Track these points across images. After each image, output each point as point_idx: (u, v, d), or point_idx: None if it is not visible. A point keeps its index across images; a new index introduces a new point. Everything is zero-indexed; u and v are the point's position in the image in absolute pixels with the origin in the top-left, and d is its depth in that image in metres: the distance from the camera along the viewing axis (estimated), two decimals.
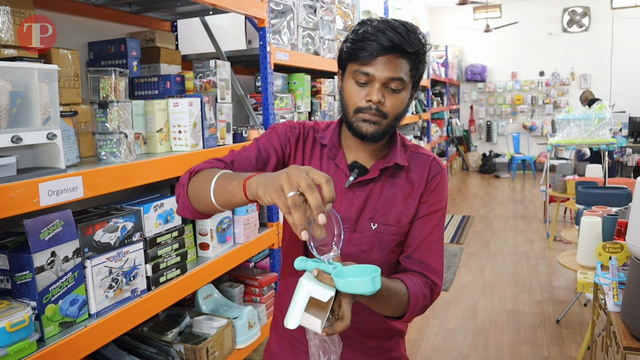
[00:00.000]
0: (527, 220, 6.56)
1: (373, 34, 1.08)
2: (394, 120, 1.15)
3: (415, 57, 1.12)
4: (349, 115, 1.15)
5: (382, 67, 1.09)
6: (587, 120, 5.11)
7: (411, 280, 1.15)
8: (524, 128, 10.94)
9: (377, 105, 1.11)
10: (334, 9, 3.13)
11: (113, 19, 2.19)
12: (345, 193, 1.20)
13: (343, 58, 1.17)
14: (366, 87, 1.12)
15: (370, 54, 1.08)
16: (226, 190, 0.98)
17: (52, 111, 1.29)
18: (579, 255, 2.88)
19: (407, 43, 1.09)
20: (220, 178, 1.01)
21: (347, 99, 1.15)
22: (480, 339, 3.36)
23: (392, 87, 1.11)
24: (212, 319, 2.00)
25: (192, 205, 1.10)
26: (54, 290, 1.33)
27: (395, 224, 1.19)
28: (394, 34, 1.07)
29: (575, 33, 10.41)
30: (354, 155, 1.22)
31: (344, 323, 0.92)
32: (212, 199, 1.01)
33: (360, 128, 1.13)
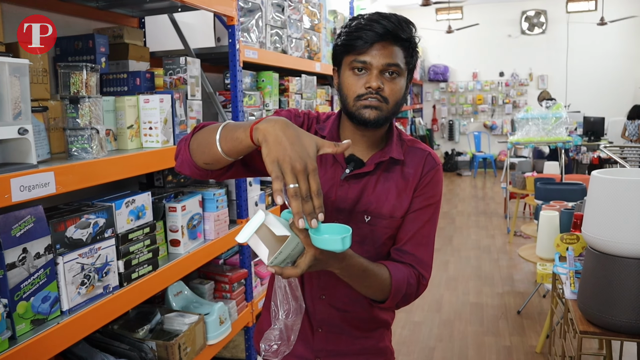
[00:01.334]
0: (489, 216, 6.74)
1: (367, 24, 1.12)
2: (394, 107, 1.17)
3: (408, 45, 1.16)
4: (349, 105, 1.17)
5: (378, 54, 1.12)
6: (545, 119, 5.30)
7: (395, 266, 1.19)
8: (485, 127, 11.22)
9: (376, 90, 1.13)
10: (302, 8, 3.16)
11: (80, 15, 2.16)
12: (341, 185, 1.22)
13: (338, 53, 1.19)
14: (364, 76, 1.14)
15: (366, 42, 1.11)
16: (233, 137, 1.00)
17: (23, 106, 1.28)
18: (538, 248, 3.00)
19: (400, 30, 1.13)
20: (227, 126, 1.04)
21: (346, 90, 1.17)
22: (445, 331, 3.45)
23: (390, 73, 1.14)
24: (183, 316, 2.00)
25: (192, 158, 1.12)
26: (26, 287, 1.32)
27: (389, 217, 1.22)
28: (387, 22, 1.11)
29: (533, 35, 10.76)
30: (351, 148, 1.24)
31: (294, 271, 0.96)
32: (218, 146, 1.03)
33: (362, 114, 1.14)
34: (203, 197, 2.14)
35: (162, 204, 1.98)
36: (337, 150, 0.94)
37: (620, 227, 1.59)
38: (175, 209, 1.97)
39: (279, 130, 0.91)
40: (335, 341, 1.29)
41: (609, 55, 10.29)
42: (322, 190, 1.17)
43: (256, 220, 0.94)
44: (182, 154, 1.14)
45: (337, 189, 1.22)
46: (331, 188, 1.21)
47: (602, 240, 1.63)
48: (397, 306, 1.22)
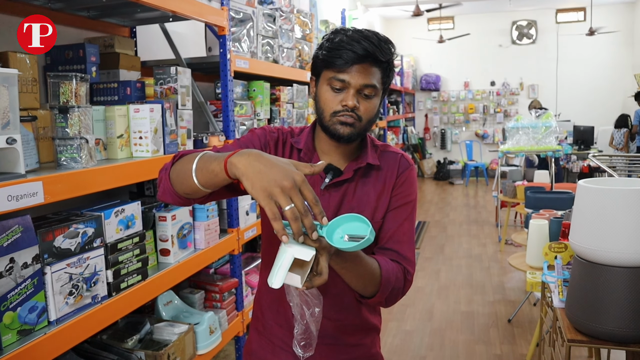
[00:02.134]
0: (480, 224, 6.77)
1: (348, 42, 1.14)
2: (367, 124, 1.21)
3: (386, 66, 1.20)
4: (325, 119, 1.20)
5: (357, 74, 1.15)
6: (535, 128, 5.34)
7: (384, 259, 1.21)
8: (477, 136, 11.29)
9: (352, 109, 1.17)
10: (293, 18, 3.18)
11: (71, 24, 2.17)
12: (322, 195, 1.24)
13: (318, 65, 1.22)
14: (341, 93, 1.18)
15: (346, 62, 1.14)
16: (208, 170, 1.01)
17: (11, 116, 1.28)
18: (528, 257, 3.02)
19: (379, 52, 1.16)
20: (202, 157, 1.05)
21: (323, 104, 1.20)
22: (436, 339, 3.45)
23: (366, 93, 1.18)
24: (172, 325, 1.99)
25: (173, 188, 1.13)
26: (13, 297, 1.31)
27: (370, 220, 1.23)
28: (368, 44, 1.14)
29: (524, 45, 10.86)
30: (327, 158, 1.27)
31: (322, 278, 0.98)
32: (194, 178, 1.05)
33: (337, 130, 1.19)
34: (193, 206, 2.14)
35: (152, 213, 1.98)
36: (313, 171, 0.95)
37: (606, 236, 1.60)
38: (165, 218, 1.97)
39: (255, 161, 0.92)
40: (329, 353, 1.30)
41: (598, 65, 10.40)
42: None
43: (286, 261, 0.94)
44: (164, 183, 1.16)
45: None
46: None
47: (588, 249, 1.65)
48: (387, 302, 1.23)
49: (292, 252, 0.94)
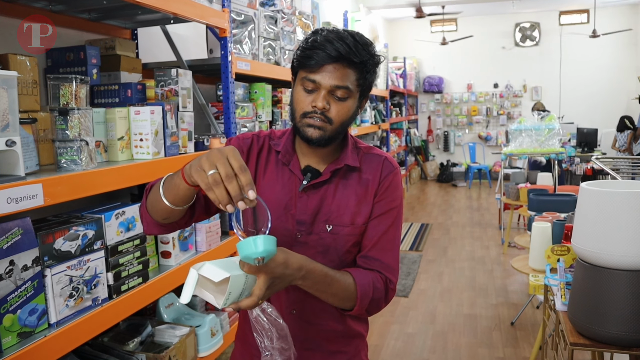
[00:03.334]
0: (483, 227, 6.75)
1: (321, 43, 1.13)
2: (339, 127, 1.18)
3: (362, 67, 1.16)
4: (296, 120, 1.19)
5: (328, 75, 1.13)
6: (538, 130, 5.32)
7: (358, 271, 1.20)
8: (480, 138, 11.27)
9: (322, 111, 1.15)
10: (295, 20, 3.18)
11: (72, 26, 2.17)
12: (300, 197, 1.22)
13: (294, 65, 1.21)
14: (313, 94, 1.16)
15: (317, 62, 1.13)
16: (171, 185, 1.05)
17: (11, 118, 1.28)
18: (531, 259, 3.00)
19: (353, 54, 1.13)
20: (167, 178, 1.09)
21: (295, 104, 1.19)
22: (439, 342, 3.44)
23: (338, 95, 1.15)
24: (174, 328, 1.99)
25: (152, 218, 1.15)
26: (12, 299, 1.31)
27: (350, 224, 1.23)
28: (341, 44, 1.12)
29: (527, 47, 10.84)
30: (307, 160, 1.26)
31: (250, 299, 0.97)
32: (163, 198, 1.07)
33: (306, 132, 1.17)
34: None
35: None
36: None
37: (608, 239, 1.59)
38: None
39: (197, 158, 0.96)
40: (309, 359, 1.27)
41: (602, 67, 10.37)
42: (281, 202, 1.18)
43: (190, 280, 0.94)
44: (144, 217, 1.18)
45: (296, 201, 1.22)
46: (290, 200, 1.23)
47: (591, 252, 1.64)
48: (368, 312, 1.22)
49: (201, 270, 0.93)
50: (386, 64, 7.56)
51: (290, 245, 1.19)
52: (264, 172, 1.27)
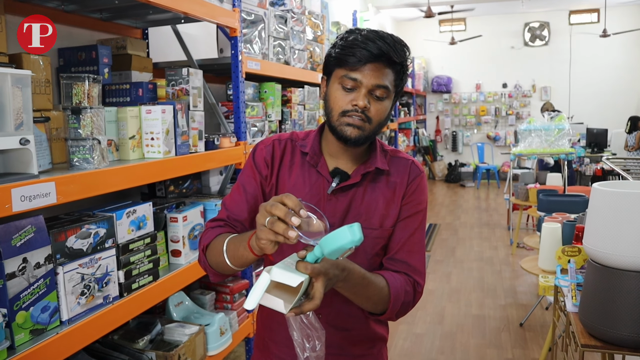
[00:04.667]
0: (492, 227, 6.72)
1: (363, 41, 1.12)
2: (376, 127, 1.18)
3: (399, 68, 1.17)
4: (334, 119, 1.17)
5: (370, 73, 1.13)
6: (548, 130, 5.29)
7: (392, 275, 1.19)
8: (488, 138, 11.22)
9: (362, 109, 1.14)
10: (304, 19, 3.18)
11: (83, 26, 2.18)
12: (329, 199, 1.21)
13: (330, 63, 1.19)
14: (352, 93, 1.15)
15: (359, 60, 1.12)
16: (238, 256, 1.09)
17: (25, 117, 1.29)
18: (540, 260, 2.99)
19: (394, 53, 1.13)
20: (229, 247, 1.12)
21: (332, 103, 1.17)
22: (447, 343, 3.43)
23: (377, 95, 1.15)
24: (183, 326, 2.00)
25: (221, 273, 1.21)
26: (25, 297, 1.32)
27: (379, 227, 1.22)
28: (382, 43, 1.12)
29: (536, 47, 10.78)
30: (335, 161, 1.24)
31: (313, 303, 0.95)
32: (231, 266, 1.12)
33: (344, 132, 1.15)
34: (204, 207, 2.15)
35: (164, 214, 1.99)
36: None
37: (620, 240, 1.58)
38: (177, 220, 1.98)
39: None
40: None
41: (612, 67, 10.29)
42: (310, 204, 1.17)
43: (261, 284, 0.93)
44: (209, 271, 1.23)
45: (325, 204, 1.21)
46: (318, 203, 1.21)
47: (603, 252, 1.63)
48: (397, 316, 1.21)
49: (272, 275, 0.93)
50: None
51: None
52: (289, 174, 1.25)
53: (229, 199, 1.27)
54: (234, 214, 1.24)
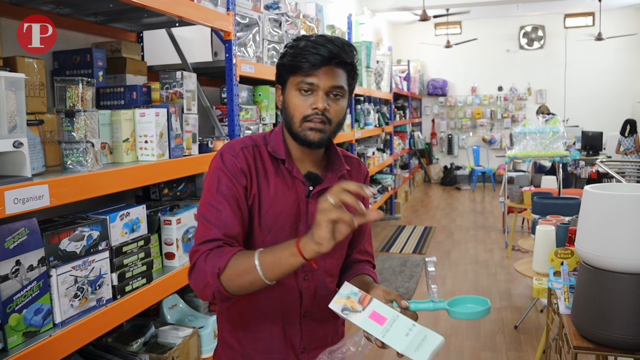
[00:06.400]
0: (487, 230, 6.74)
1: (313, 46, 1.17)
2: (336, 127, 1.23)
3: (350, 68, 1.23)
4: (296, 126, 1.20)
5: (325, 76, 1.17)
6: (542, 133, 5.31)
7: (369, 270, 1.37)
8: (484, 141, 11.25)
9: (322, 111, 1.18)
10: (299, 23, 3.19)
11: (78, 29, 2.19)
12: (309, 202, 1.25)
13: (284, 72, 1.22)
14: (311, 97, 1.19)
15: (313, 65, 1.16)
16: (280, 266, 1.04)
17: (18, 119, 1.30)
18: (534, 263, 2.99)
19: (344, 54, 1.19)
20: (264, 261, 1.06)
21: (293, 110, 1.20)
22: None
23: (334, 94, 1.20)
24: (177, 329, 2.00)
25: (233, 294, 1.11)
26: (18, 299, 1.32)
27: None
28: (332, 46, 1.17)
29: (532, 50, 10.83)
30: (302, 165, 1.28)
31: None
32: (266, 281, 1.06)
33: (307, 136, 1.20)
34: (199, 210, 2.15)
35: (157, 216, 1.99)
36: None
37: (612, 242, 1.59)
38: (171, 222, 1.98)
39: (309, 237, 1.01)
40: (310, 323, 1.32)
41: (607, 70, 10.35)
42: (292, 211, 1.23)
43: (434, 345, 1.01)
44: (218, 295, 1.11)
45: (305, 207, 1.25)
46: (298, 207, 1.24)
47: (594, 255, 1.64)
48: None
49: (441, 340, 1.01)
50: (390, 67, 7.56)
51: None
52: (268, 182, 1.24)
53: (213, 215, 1.17)
54: (228, 230, 1.16)
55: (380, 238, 6.34)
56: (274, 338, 1.28)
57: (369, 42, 6.08)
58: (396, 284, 4.57)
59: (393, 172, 7.71)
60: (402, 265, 5.19)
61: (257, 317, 1.27)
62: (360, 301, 1.07)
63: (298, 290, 1.26)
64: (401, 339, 1.02)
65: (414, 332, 1.02)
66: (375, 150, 6.66)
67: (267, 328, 1.28)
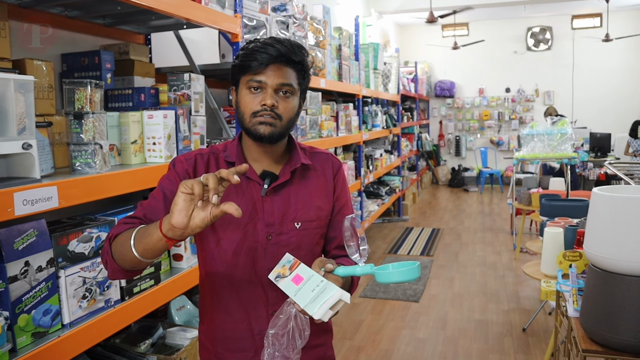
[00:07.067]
0: (495, 232, 6.71)
1: (262, 46, 1.20)
2: (287, 123, 1.25)
3: (300, 67, 1.25)
4: (246, 122, 1.23)
5: (273, 74, 1.20)
6: (550, 135, 5.28)
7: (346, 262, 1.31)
8: (492, 143, 11.21)
9: (271, 108, 1.20)
10: (306, 25, 3.20)
11: (87, 31, 2.20)
12: (264, 201, 1.26)
13: (236, 72, 1.26)
14: (260, 94, 1.21)
15: (261, 63, 1.19)
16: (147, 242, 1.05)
17: (27, 121, 1.31)
18: (542, 265, 2.98)
19: (292, 53, 1.22)
20: (137, 235, 1.09)
21: (243, 107, 1.23)
22: (449, 348, 3.42)
23: (283, 92, 1.22)
24: (185, 330, 2.00)
25: (120, 266, 1.14)
26: (27, 300, 1.33)
27: (316, 218, 1.31)
28: (280, 46, 1.21)
29: (539, 51, 10.78)
30: (259, 165, 1.29)
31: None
32: (138, 257, 1.08)
33: (258, 130, 1.21)
34: None
35: None
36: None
37: (621, 245, 1.58)
38: None
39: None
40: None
41: (615, 72, 10.28)
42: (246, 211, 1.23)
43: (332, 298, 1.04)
44: (110, 264, 1.16)
45: (261, 205, 1.26)
46: (254, 206, 1.26)
47: (603, 257, 1.63)
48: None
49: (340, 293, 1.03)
50: (397, 69, 7.56)
51: (264, 248, 1.26)
52: None
53: (146, 202, 1.25)
54: (152, 214, 1.22)
55: (388, 240, 6.33)
56: (241, 335, 1.29)
57: (376, 43, 6.08)
58: (403, 286, 4.56)
59: (401, 173, 7.70)
60: None
61: (222, 314, 1.29)
62: (290, 268, 1.11)
63: (261, 286, 1.26)
64: (307, 295, 1.04)
65: (319, 288, 1.04)
66: (382, 152, 6.65)
67: (233, 325, 1.29)
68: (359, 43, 5.43)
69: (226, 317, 1.29)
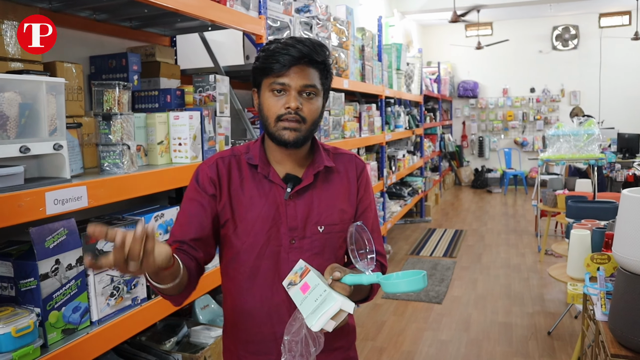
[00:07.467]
0: (519, 234, 6.62)
1: (283, 48, 1.18)
2: (312, 125, 1.23)
3: (323, 67, 1.24)
4: (271, 126, 1.22)
5: (296, 76, 1.19)
6: (577, 136, 5.19)
7: None
8: (516, 144, 11.06)
9: (295, 110, 1.19)
10: (330, 26, 3.20)
11: (114, 34, 2.24)
12: (287, 205, 1.25)
13: (257, 75, 1.24)
14: (283, 97, 1.20)
15: (283, 65, 1.18)
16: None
17: (58, 122, 1.34)
18: (569, 268, 2.93)
19: (314, 53, 1.20)
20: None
21: (266, 111, 1.22)
22: (472, 350, 3.39)
23: (307, 93, 1.21)
24: (209, 329, 2.02)
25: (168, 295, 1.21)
26: (58, 297, 1.36)
27: (339, 222, 1.29)
28: (302, 46, 1.19)
29: (565, 51, 10.60)
30: (282, 168, 1.28)
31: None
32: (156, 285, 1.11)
33: (282, 136, 1.20)
34: None
35: None
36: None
37: None
38: None
39: None
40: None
41: None
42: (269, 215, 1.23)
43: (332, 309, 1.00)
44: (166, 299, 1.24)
45: (284, 209, 1.25)
46: (277, 210, 1.25)
47: (633, 260, 1.59)
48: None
49: (340, 304, 1.00)
50: (420, 69, 7.51)
51: (287, 252, 1.24)
52: (242, 189, 1.27)
53: (174, 226, 1.28)
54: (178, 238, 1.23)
55: (410, 241, 6.29)
56: (264, 339, 1.28)
57: (399, 44, 6.05)
58: (426, 288, 4.52)
59: (423, 174, 7.65)
60: (433, 268, 5.14)
61: (245, 317, 1.29)
62: (301, 275, 1.09)
63: (284, 290, 1.24)
64: (310, 305, 1.02)
65: (321, 298, 1.01)
66: (405, 153, 6.61)
67: (256, 329, 1.29)
68: (382, 43, 5.41)
69: (249, 321, 1.29)
